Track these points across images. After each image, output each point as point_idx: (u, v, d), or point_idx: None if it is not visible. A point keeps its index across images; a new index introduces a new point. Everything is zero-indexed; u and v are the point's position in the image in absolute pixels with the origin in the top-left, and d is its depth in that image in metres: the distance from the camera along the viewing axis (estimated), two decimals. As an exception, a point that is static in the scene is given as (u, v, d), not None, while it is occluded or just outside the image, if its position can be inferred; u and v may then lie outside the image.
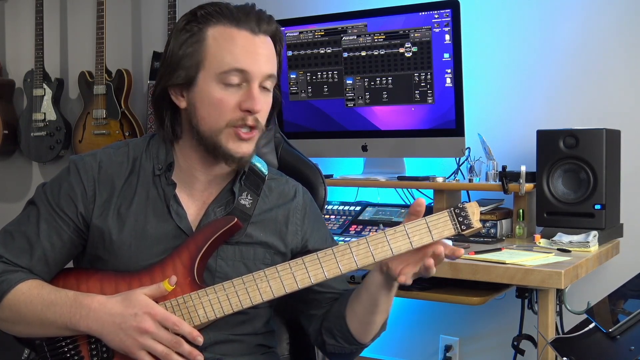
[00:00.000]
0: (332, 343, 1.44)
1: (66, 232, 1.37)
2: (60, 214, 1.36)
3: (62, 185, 1.38)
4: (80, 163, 1.39)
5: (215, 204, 1.40)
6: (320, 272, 1.28)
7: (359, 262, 1.27)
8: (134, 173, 1.40)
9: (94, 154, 1.42)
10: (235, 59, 1.30)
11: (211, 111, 1.32)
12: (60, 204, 1.37)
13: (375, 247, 1.26)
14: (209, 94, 1.31)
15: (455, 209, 1.25)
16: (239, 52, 1.31)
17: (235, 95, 1.31)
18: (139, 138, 1.47)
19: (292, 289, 1.29)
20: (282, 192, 1.48)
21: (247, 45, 1.31)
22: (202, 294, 1.30)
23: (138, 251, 1.35)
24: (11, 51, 3.83)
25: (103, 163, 1.39)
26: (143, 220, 1.37)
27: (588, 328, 1.54)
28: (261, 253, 1.42)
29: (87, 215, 1.37)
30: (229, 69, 1.30)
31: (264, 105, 1.34)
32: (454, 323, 2.71)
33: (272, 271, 1.29)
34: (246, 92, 1.31)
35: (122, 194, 1.38)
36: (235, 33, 1.32)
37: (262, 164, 1.48)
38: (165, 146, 1.41)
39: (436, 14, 2.42)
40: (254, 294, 1.29)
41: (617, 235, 2.33)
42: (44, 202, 1.38)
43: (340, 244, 1.28)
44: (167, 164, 1.39)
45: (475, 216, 1.25)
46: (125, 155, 1.41)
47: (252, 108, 1.31)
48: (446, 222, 1.25)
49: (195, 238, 1.34)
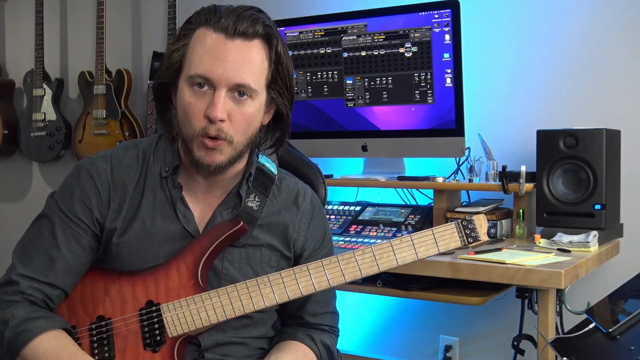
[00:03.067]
0: None
1: (84, 237, 1.35)
2: (76, 220, 1.34)
3: (74, 191, 1.36)
4: (93, 167, 1.37)
5: (223, 206, 1.40)
6: (325, 280, 1.28)
7: (363, 272, 1.27)
8: (142, 175, 1.39)
9: (104, 157, 1.40)
10: (200, 64, 1.27)
11: (184, 116, 1.30)
12: (74, 211, 1.34)
13: (381, 257, 1.26)
14: (182, 98, 1.30)
15: (463, 222, 1.25)
16: (205, 58, 1.27)
17: (203, 102, 1.28)
18: (148, 138, 1.46)
19: (296, 295, 1.29)
20: (291, 192, 1.47)
21: (215, 50, 1.26)
22: (205, 297, 1.31)
23: (145, 253, 1.35)
24: (11, 51, 3.83)
25: (115, 167, 1.38)
26: (150, 222, 1.36)
27: (588, 328, 1.54)
28: (267, 255, 1.41)
29: (102, 220, 1.36)
30: (194, 74, 1.27)
31: (233, 114, 1.28)
32: (454, 323, 2.71)
33: (276, 277, 1.30)
34: (211, 99, 1.28)
35: (133, 197, 1.37)
36: (209, 36, 1.28)
37: (271, 164, 1.46)
38: (172, 148, 1.40)
39: (436, 14, 2.42)
40: (257, 299, 1.29)
41: (617, 235, 2.33)
42: (57, 213, 1.35)
43: (346, 253, 1.27)
44: (173, 167, 1.38)
45: (483, 229, 1.25)
46: (135, 158, 1.40)
47: (210, 115, 1.26)
48: (453, 234, 1.25)
49: (200, 241, 1.34)
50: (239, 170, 1.41)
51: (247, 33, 1.27)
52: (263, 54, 1.31)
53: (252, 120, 1.32)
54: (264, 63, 1.31)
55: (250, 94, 1.30)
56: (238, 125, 1.30)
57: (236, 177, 1.41)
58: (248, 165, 1.42)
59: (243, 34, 1.27)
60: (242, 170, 1.41)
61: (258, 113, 1.34)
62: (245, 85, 1.28)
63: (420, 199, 2.67)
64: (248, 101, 1.30)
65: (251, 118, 1.32)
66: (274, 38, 1.32)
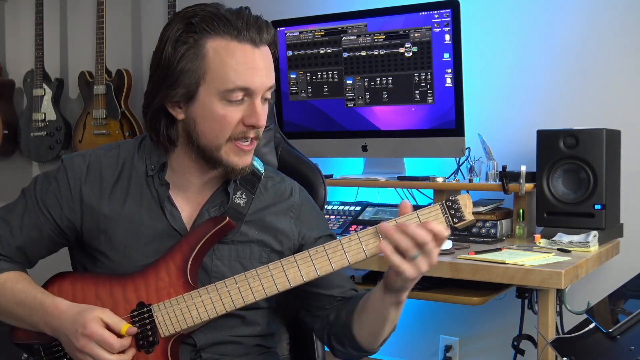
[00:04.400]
0: (340, 349, 1.44)
1: (47, 229, 1.38)
2: (44, 211, 1.38)
3: (51, 182, 1.39)
4: (69, 163, 1.40)
5: (210, 204, 1.40)
6: (312, 270, 1.27)
7: (350, 259, 1.25)
8: (125, 174, 1.39)
9: (83, 154, 1.42)
10: (238, 77, 1.26)
11: (214, 126, 1.29)
12: (45, 202, 1.38)
13: (367, 243, 1.24)
14: (211, 110, 1.28)
15: (447, 202, 1.23)
16: (242, 69, 1.27)
17: (238, 111, 1.29)
18: (131, 139, 1.46)
19: (285, 287, 1.28)
20: (278, 190, 1.47)
21: (249, 62, 1.28)
22: (195, 294, 1.30)
23: (132, 251, 1.36)
24: (11, 51, 3.83)
25: (92, 164, 1.39)
26: (137, 220, 1.37)
27: (588, 328, 1.54)
28: (257, 251, 1.41)
29: (72, 217, 1.37)
30: (233, 88, 1.27)
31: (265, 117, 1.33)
32: (454, 323, 2.71)
33: (264, 270, 1.29)
34: (249, 107, 1.29)
35: (113, 195, 1.38)
36: (236, 47, 1.27)
37: (258, 162, 1.46)
38: (158, 148, 1.39)
39: (436, 14, 2.42)
40: (246, 294, 1.29)
41: (617, 235, 2.33)
42: (32, 197, 1.40)
43: (332, 242, 1.27)
44: (160, 165, 1.38)
45: (468, 208, 1.23)
46: (115, 158, 1.41)
47: (256, 124, 1.29)
48: (438, 214, 1.23)
49: (187, 239, 1.34)
50: None
51: (268, 40, 1.31)
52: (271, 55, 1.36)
53: None
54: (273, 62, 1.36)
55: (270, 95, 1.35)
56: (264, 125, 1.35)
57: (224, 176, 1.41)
58: None
59: (266, 41, 1.31)
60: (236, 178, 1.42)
61: None
62: (272, 87, 1.33)
63: (420, 199, 2.67)
64: (267, 101, 1.35)
65: None
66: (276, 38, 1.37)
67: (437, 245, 1.19)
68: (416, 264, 1.18)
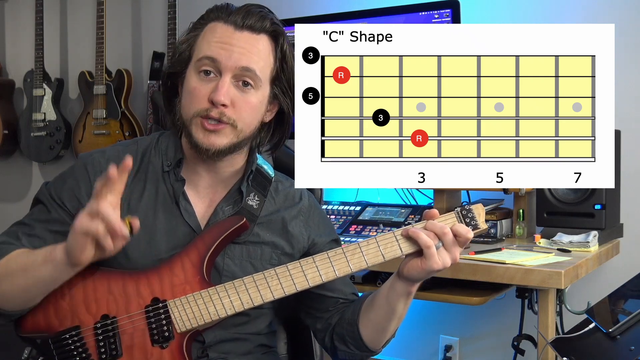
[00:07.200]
0: (343, 349, 1.45)
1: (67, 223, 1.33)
2: (60, 203, 1.38)
3: (66, 181, 1.40)
4: (89, 159, 1.41)
5: (224, 202, 1.41)
6: (331, 271, 1.29)
7: (369, 261, 1.28)
8: (142, 169, 1.41)
9: (102, 151, 1.44)
10: (209, 48, 1.32)
11: (187, 99, 1.34)
12: (62, 199, 1.38)
13: (385, 247, 1.28)
14: (188, 82, 1.34)
15: (462, 210, 1.26)
16: (214, 42, 1.32)
17: (207, 87, 1.32)
18: (148, 136, 1.48)
19: (303, 287, 1.30)
20: (288, 194, 1.49)
21: (225, 38, 1.32)
22: (213, 291, 1.32)
23: (147, 246, 1.36)
24: (11, 51, 3.83)
25: (111, 159, 1.39)
26: (152, 216, 1.38)
27: (588, 328, 1.54)
28: (268, 253, 1.43)
29: None
30: (202, 57, 1.32)
31: (236, 101, 1.32)
32: (454, 323, 2.71)
33: (283, 269, 1.31)
34: (216, 83, 1.32)
35: (130, 190, 1.38)
36: (218, 26, 1.34)
37: (268, 166, 1.49)
38: (175, 142, 1.42)
39: (436, 14, 2.42)
40: (264, 292, 1.31)
41: (617, 235, 2.33)
42: (47, 197, 1.39)
43: (350, 244, 1.29)
44: (176, 160, 1.40)
45: (481, 217, 1.28)
46: (133, 153, 1.41)
47: (213, 98, 1.30)
48: (454, 222, 1.26)
49: (203, 237, 1.35)
50: (240, 168, 1.44)
51: (254, 27, 1.34)
52: (269, 48, 1.36)
53: (255, 110, 1.36)
54: (269, 57, 1.36)
55: (254, 83, 1.34)
56: (241, 112, 1.33)
57: (237, 174, 1.43)
58: (248, 163, 1.44)
59: (251, 27, 1.33)
60: (243, 167, 1.44)
61: (261, 105, 1.37)
62: (250, 69, 1.32)
63: (420, 199, 2.66)
64: (252, 91, 1.34)
65: (254, 108, 1.35)
66: (280, 36, 1.38)
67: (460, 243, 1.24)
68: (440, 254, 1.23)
